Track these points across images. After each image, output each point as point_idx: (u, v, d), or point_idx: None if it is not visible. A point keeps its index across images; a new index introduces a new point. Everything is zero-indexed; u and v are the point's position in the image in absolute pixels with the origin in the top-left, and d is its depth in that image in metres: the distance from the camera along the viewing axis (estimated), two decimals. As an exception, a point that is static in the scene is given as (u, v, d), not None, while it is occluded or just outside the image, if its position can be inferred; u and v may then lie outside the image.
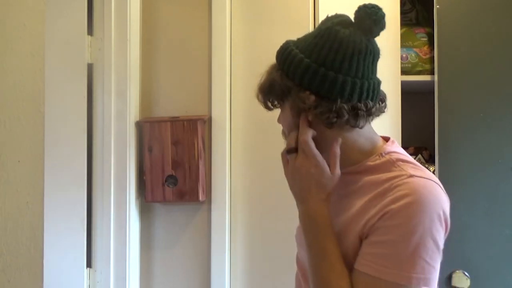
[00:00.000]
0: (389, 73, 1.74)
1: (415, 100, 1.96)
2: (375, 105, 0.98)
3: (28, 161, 2.15)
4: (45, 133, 1.67)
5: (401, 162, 0.96)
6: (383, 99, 1.02)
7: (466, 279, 1.63)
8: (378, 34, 0.97)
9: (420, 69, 1.83)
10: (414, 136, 1.93)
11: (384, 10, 0.97)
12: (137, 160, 1.69)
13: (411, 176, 0.92)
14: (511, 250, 1.63)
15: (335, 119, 0.95)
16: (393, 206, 0.89)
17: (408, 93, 1.85)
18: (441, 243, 0.91)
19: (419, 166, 0.97)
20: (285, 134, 1.06)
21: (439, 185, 0.94)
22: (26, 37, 2.17)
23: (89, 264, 1.66)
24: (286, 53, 0.98)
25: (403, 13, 1.87)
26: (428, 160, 1.93)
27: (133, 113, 1.68)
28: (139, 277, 1.72)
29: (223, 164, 1.68)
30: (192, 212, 1.71)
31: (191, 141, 1.64)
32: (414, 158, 1.88)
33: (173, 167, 1.65)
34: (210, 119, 1.69)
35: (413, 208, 0.87)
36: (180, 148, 1.64)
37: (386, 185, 0.93)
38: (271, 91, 1.01)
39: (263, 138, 1.70)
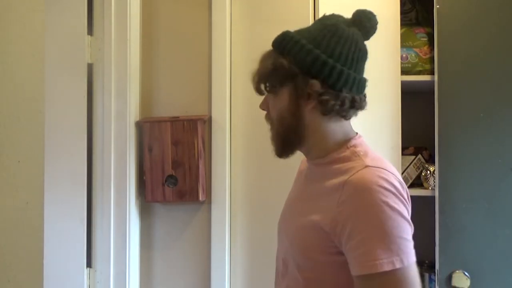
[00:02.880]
0: (389, 73, 1.74)
1: (415, 100, 1.96)
2: (364, 99, 1.07)
3: (28, 161, 2.15)
4: (45, 133, 1.67)
5: (362, 154, 1.02)
6: (365, 96, 1.10)
7: (466, 279, 1.63)
8: (368, 39, 1.08)
9: (420, 69, 1.83)
10: (414, 136, 1.92)
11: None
12: (137, 160, 1.69)
13: (366, 166, 0.97)
14: (511, 250, 1.63)
15: (337, 107, 1.01)
16: (346, 207, 0.94)
17: (408, 93, 1.84)
18: (405, 211, 0.94)
19: (378, 158, 1.03)
20: (271, 119, 1.10)
21: (391, 172, 0.99)
22: (26, 37, 2.17)
23: (89, 264, 1.66)
24: (293, 42, 1.03)
25: (403, 13, 1.87)
26: (428, 160, 1.93)
27: (133, 113, 1.68)
28: (139, 277, 1.72)
29: (223, 164, 1.68)
30: (192, 212, 1.71)
31: (191, 141, 1.64)
32: (414, 158, 1.90)
33: (173, 167, 1.65)
34: (210, 119, 1.69)
35: (365, 197, 0.93)
36: (180, 148, 1.64)
37: (342, 177, 0.98)
38: (273, 75, 1.04)
39: (263, 138, 1.69)
